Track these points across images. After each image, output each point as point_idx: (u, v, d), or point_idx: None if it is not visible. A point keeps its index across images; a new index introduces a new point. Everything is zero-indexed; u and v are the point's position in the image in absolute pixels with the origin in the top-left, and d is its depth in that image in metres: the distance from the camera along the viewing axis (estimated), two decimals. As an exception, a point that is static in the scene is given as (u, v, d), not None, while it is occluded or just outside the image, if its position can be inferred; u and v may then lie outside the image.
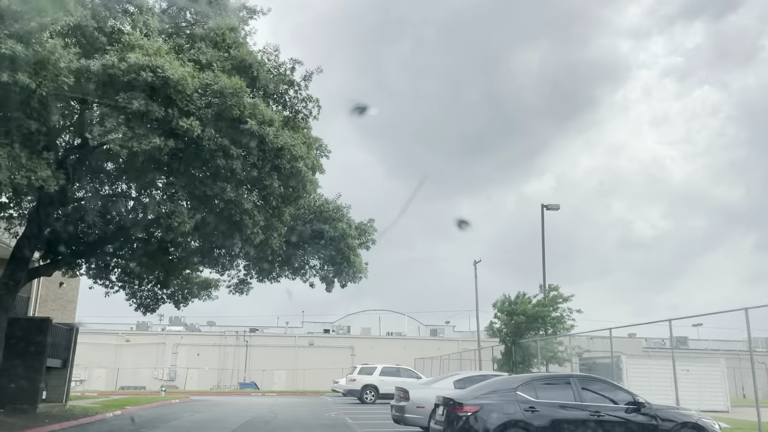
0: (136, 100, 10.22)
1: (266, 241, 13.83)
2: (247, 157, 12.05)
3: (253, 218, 12.79)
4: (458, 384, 15.14)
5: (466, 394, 10.41)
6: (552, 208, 30.10)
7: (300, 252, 18.28)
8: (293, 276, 20.16)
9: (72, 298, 30.57)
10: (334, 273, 18.22)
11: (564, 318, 27.10)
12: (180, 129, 10.60)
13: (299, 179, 12.91)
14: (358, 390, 30.43)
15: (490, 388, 10.53)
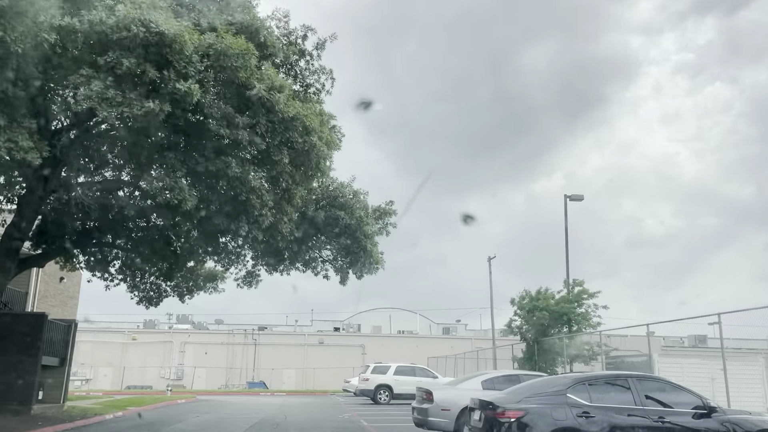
0: (126, 59, 8.88)
1: (275, 226, 12.49)
2: (255, 127, 10.68)
3: (261, 198, 11.45)
4: (486, 384, 13.79)
5: (508, 397, 9.00)
6: (575, 198, 28.58)
7: (313, 240, 16.85)
8: (305, 268, 18.82)
9: (73, 294, 29.40)
10: (349, 264, 16.78)
11: (589, 314, 25.61)
12: (177, 93, 9.27)
13: (312, 156, 11.51)
14: (371, 390, 29.07)
15: (534, 390, 9.12)
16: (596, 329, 25.51)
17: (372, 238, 16.30)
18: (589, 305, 25.76)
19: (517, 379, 13.94)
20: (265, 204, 11.67)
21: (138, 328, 57.83)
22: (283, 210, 12.55)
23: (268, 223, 12.12)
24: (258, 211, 11.55)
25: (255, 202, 11.38)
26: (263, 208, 11.61)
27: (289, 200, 12.67)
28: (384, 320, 65.92)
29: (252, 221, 11.90)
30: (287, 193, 12.76)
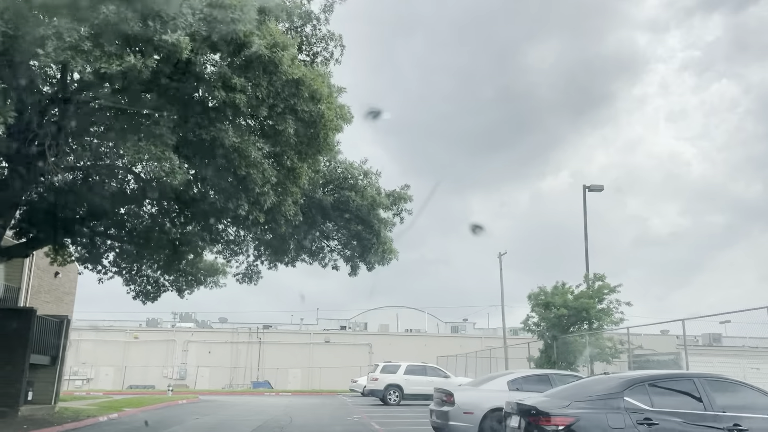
0: (104, 5, 7.58)
1: (279, 207, 11.16)
2: (255, 90, 9.35)
3: (263, 173, 10.12)
4: (513, 384, 12.47)
5: (552, 401, 7.66)
6: (594, 189, 27.21)
7: (320, 227, 15.46)
8: (311, 259, 17.49)
9: (69, 290, 28.15)
10: (360, 253, 15.38)
11: (611, 310, 24.20)
12: (163, 46, 7.95)
13: (320, 127, 10.18)
14: (380, 390, 27.73)
15: (582, 391, 7.77)
16: (618, 326, 24.14)
17: (386, 223, 14.92)
18: (610, 301, 24.39)
19: (547, 379, 12.66)
20: (267, 180, 10.36)
21: (140, 326, 56.65)
22: (288, 190, 11.25)
23: (270, 204, 10.82)
24: (259, 188, 10.24)
25: (255, 177, 10.07)
26: (265, 185, 10.31)
27: (294, 180, 11.36)
28: (391, 319, 64.60)
29: (252, 201, 10.59)
30: (292, 172, 11.45)
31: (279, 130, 10.08)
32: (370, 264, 15.32)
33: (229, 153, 9.78)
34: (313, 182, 13.03)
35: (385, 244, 14.91)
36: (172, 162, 8.96)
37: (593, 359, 23.60)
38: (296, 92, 9.66)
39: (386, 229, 14.97)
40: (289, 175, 11.41)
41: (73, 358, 51.27)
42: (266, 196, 10.53)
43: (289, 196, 11.38)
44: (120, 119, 9.89)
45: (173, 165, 8.96)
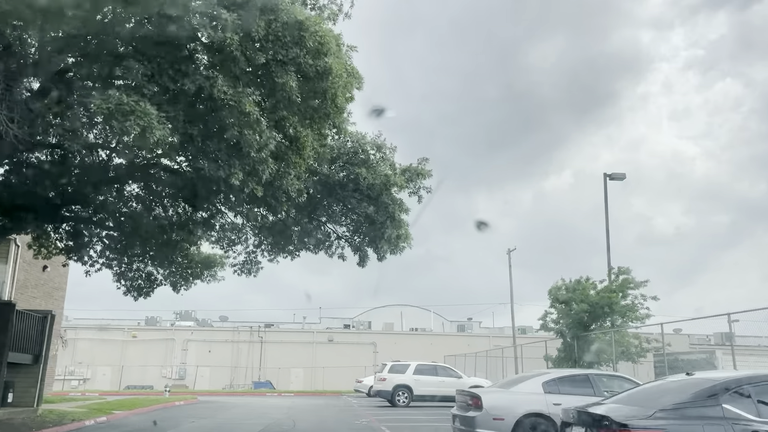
0: None
1: (279, 181, 9.61)
2: (249, 33, 7.76)
3: (260, 134, 8.55)
4: (549, 386, 10.91)
5: (629, 410, 6.09)
6: (616, 177, 25.65)
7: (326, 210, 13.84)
8: (316, 249, 15.93)
9: (59, 285, 26.67)
10: (370, 239, 13.74)
11: (636, 306, 22.60)
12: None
13: (327, 84, 8.61)
14: (388, 391, 26.14)
15: (661, 397, 6.20)
16: (644, 322, 22.55)
17: (401, 204, 13.31)
18: (635, 296, 22.79)
19: (587, 380, 11.13)
20: (265, 144, 8.81)
21: (138, 325, 55.15)
22: (290, 161, 9.71)
23: (269, 175, 9.28)
24: (255, 153, 8.69)
25: (250, 139, 8.52)
26: (262, 149, 8.76)
27: (297, 151, 9.82)
28: (395, 318, 63.06)
29: (248, 170, 9.05)
30: (295, 142, 9.90)
31: (279, 83, 8.51)
32: (381, 252, 13.69)
33: (219, 107, 8.22)
34: (319, 156, 11.47)
35: (399, 227, 13.29)
36: (149, 115, 7.41)
37: (617, 358, 22.08)
38: (299, 40, 8.12)
39: (401, 210, 13.37)
40: (292, 146, 9.88)
41: (69, 357, 49.87)
42: (264, 165, 8.99)
43: (291, 168, 9.83)
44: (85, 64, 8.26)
45: (150, 119, 7.42)
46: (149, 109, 7.50)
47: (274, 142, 9.07)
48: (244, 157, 8.85)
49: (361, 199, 12.89)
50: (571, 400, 10.71)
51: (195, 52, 8.21)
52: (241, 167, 8.94)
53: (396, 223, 13.13)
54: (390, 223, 12.98)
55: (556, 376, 11.14)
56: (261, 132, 8.66)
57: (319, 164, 12.21)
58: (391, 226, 13.02)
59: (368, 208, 12.76)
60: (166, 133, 7.75)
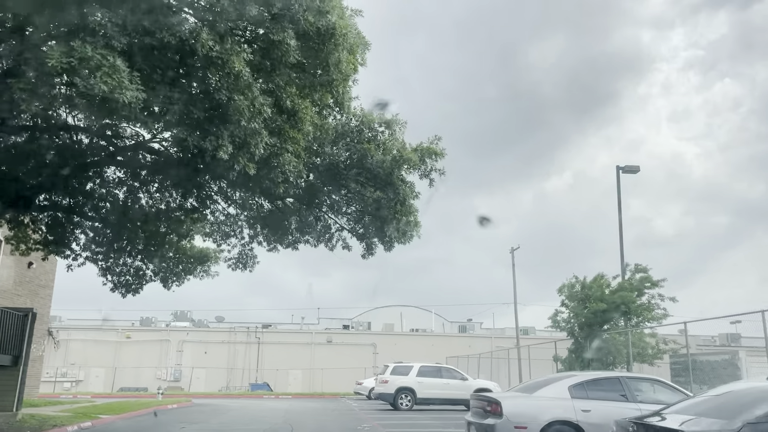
0: None
1: (275, 158, 8.44)
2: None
3: (252, 101, 7.39)
4: (577, 390, 9.78)
5: (708, 423, 4.93)
6: (630, 170, 24.50)
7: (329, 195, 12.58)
8: (316, 241, 14.76)
9: (46, 283, 25.47)
10: (377, 228, 12.49)
11: (652, 306, 21.49)
12: None
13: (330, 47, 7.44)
14: (391, 393, 24.95)
15: (743, 407, 5.04)
16: (660, 323, 21.43)
17: (411, 187, 12.07)
18: (652, 295, 21.67)
19: (618, 383, 10.01)
20: (258, 111, 7.65)
21: (133, 325, 53.90)
22: (287, 135, 8.55)
23: (263, 150, 8.12)
24: (246, 121, 7.53)
25: (241, 105, 7.36)
26: (254, 118, 7.59)
27: (295, 125, 8.66)
28: (395, 318, 61.86)
29: (239, 143, 7.89)
30: (293, 117, 8.75)
31: (274, 40, 7.35)
32: (388, 241, 12.46)
33: (203, 63, 7.05)
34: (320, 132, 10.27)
35: (410, 213, 12.07)
36: (118, 71, 6.23)
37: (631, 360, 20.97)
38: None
39: (412, 194, 12.15)
40: (290, 120, 8.73)
41: (62, 358, 48.67)
42: (257, 138, 7.83)
43: (288, 144, 8.67)
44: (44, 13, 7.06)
45: (120, 77, 6.25)
46: (119, 64, 6.32)
47: (268, 110, 7.90)
48: (234, 125, 7.68)
49: (367, 181, 11.65)
50: (601, 406, 9.61)
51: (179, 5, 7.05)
52: (230, 138, 7.76)
53: (406, 208, 11.89)
54: (400, 207, 11.74)
55: (584, 379, 10.00)
56: (253, 98, 7.50)
57: (320, 144, 11.02)
58: (401, 212, 11.78)
59: (375, 192, 11.53)
60: (139, 95, 6.58)
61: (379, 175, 11.34)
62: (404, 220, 12.01)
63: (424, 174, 12.01)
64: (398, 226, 11.99)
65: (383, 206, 11.60)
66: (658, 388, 10.05)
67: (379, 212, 11.80)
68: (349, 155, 11.43)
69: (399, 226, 11.98)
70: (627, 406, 9.58)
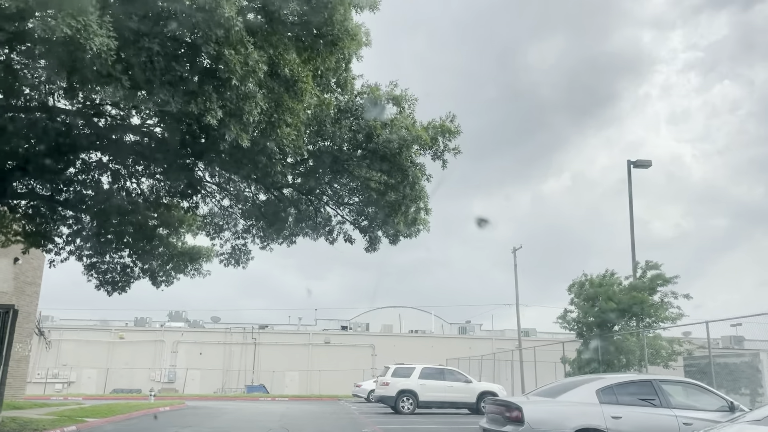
0: None
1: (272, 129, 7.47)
2: None
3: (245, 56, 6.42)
4: (606, 395, 8.83)
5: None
6: (641, 164, 23.60)
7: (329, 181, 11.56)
8: (315, 234, 13.80)
9: (33, 280, 24.45)
10: (382, 218, 11.45)
11: (666, 305, 20.56)
12: None
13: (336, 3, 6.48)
14: (392, 396, 23.98)
15: None
16: (674, 322, 20.49)
17: (423, 169, 11.01)
18: (664, 294, 20.75)
19: (651, 387, 9.05)
20: (252, 70, 6.68)
21: (126, 325, 52.82)
22: (285, 106, 7.59)
23: (258, 117, 7.15)
24: (238, 80, 6.56)
25: (232, 61, 6.39)
26: (247, 77, 6.63)
27: (297, 95, 7.70)
28: (394, 319, 60.84)
29: (230, 109, 6.92)
30: (293, 87, 7.79)
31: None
32: (394, 234, 11.46)
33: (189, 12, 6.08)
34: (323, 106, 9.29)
35: (420, 199, 11.04)
36: (84, 12, 5.27)
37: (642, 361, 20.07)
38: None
39: (423, 176, 11.10)
40: (289, 90, 7.78)
41: (53, 359, 47.60)
42: (251, 103, 6.86)
43: (286, 115, 7.71)
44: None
45: (87, 19, 5.30)
46: (86, 4, 5.36)
47: (264, 66, 6.93)
48: (224, 86, 6.72)
49: (372, 163, 10.62)
50: (633, 412, 8.66)
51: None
52: (219, 102, 6.80)
53: (416, 193, 10.86)
54: (410, 191, 10.69)
55: (613, 383, 9.04)
56: (246, 55, 6.54)
57: (320, 123, 10.03)
58: (410, 197, 10.75)
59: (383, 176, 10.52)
60: (110, 42, 5.61)
61: (386, 156, 10.29)
62: (414, 208, 10.99)
63: (437, 155, 10.98)
64: (407, 215, 10.97)
65: (392, 189, 10.56)
66: (695, 392, 9.12)
67: (385, 198, 10.75)
68: (353, 134, 10.42)
69: (408, 214, 10.96)
70: (661, 412, 8.65)
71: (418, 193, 11.01)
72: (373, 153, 10.37)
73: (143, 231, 14.44)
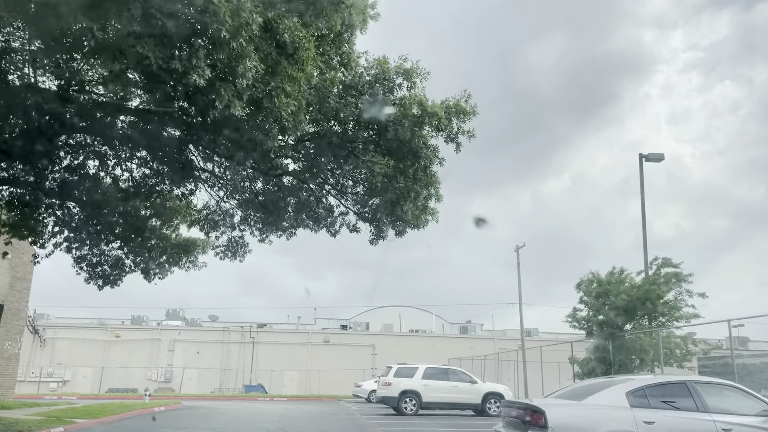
0: None
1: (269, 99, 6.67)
2: None
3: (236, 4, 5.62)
4: (637, 398, 8.04)
5: None
6: (653, 158, 22.87)
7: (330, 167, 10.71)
8: (316, 225, 13.00)
9: (23, 275, 23.61)
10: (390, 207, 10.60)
11: (680, 303, 19.76)
12: None
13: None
14: (394, 397, 23.19)
15: None
16: (689, 321, 19.70)
17: (435, 152, 10.12)
18: (679, 291, 19.96)
19: (685, 389, 8.27)
20: (246, 23, 5.88)
21: (123, 324, 51.98)
22: (284, 73, 6.79)
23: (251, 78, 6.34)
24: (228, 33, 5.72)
25: (221, 9, 5.55)
26: (240, 31, 5.83)
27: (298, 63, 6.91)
28: (394, 319, 60.03)
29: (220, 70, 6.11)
30: (293, 55, 6.99)
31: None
32: (401, 225, 10.62)
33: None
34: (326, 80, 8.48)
35: (432, 184, 10.19)
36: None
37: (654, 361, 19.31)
38: None
39: (436, 159, 10.22)
40: (289, 58, 6.98)
41: (48, 358, 46.80)
42: (244, 63, 6.04)
43: (285, 83, 6.90)
44: None
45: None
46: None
47: (259, 19, 6.11)
48: (212, 40, 5.90)
49: (380, 145, 9.75)
50: (667, 417, 7.88)
51: None
52: (207, 59, 5.97)
53: (428, 179, 10.01)
54: (422, 176, 9.83)
55: (644, 384, 8.24)
56: (239, 5, 5.72)
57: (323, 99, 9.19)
58: (422, 182, 9.90)
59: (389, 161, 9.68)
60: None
61: (396, 137, 9.41)
62: (424, 195, 10.15)
63: (450, 137, 10.11)
64: (416, 202, 10.13)
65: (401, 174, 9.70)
66: (733, 395, 8.33)
67: (392, 184, 9.90)
68: (360, 113, 9.55)
69: (417, 201, 10.12)
70: (697, 417, 7.87)
71: (429, 179, 10.15)
72: (382, 133, 9.52)
73: (134, 221, 13.65)
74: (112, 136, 9.66)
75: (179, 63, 5.96)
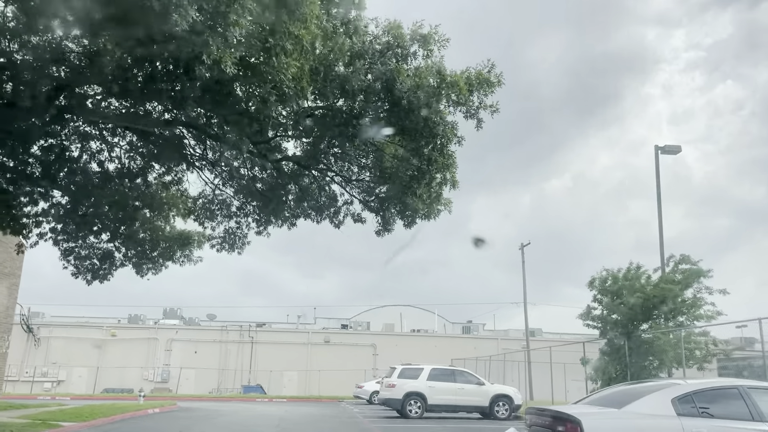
0: None
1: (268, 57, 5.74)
2: None
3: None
4: (684, 405, 7.10)
5: None
6: (669, 150, 21.88)
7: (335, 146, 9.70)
8: (318, 215, 12.06)
9: (12, 271, 22.66)
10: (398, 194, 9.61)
11: (700, 301, 18.81)
12: None
13: None
14: (398, 399, 22.21)
15: None
16: (709, 321, 18.74)
17: (454, 129, 9.08)
18: (698, 289, 19.01)
19: (737, 394, 7.32)
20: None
21: (119, 322, 50.99)
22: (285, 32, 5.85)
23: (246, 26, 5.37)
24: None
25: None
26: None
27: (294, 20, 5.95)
28: (395, 318, 59.09)
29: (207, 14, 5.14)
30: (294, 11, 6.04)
31: None
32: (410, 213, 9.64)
33: None
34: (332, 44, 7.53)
35: (448, 168, 9.15)
36: None
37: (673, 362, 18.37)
38: None
39: (455, 138, 9.17)
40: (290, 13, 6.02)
41: (42, 357, 45.84)
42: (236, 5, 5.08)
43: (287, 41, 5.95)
44: None
45: None
46: None
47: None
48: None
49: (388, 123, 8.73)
50: (719, 426, 6.92)
51: None
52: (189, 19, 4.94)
53: (444, 160, 8.98)
54: (438, 156, 8.79)
55: (692, 390, 7.28)
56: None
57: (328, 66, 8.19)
58: (437, 165, 8.87)
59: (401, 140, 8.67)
60: None
61: (411, 109, 8.35)
62: (438, 180, 9.16)
63: (470, 113, 9.06)
64: (430, 187, 9.13)
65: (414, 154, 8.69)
66: (792, 402, 7.36)
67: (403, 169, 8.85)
68: (370, 83, 8.50)
69: (431, 186, 9.12)
70: (754, 427, 6.93)
71: (446, 160, 9.12)
72: (393, 108, 8.48)
73: (123, 210, 12.68)
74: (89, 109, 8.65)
75: (156, 2, 4.94)
